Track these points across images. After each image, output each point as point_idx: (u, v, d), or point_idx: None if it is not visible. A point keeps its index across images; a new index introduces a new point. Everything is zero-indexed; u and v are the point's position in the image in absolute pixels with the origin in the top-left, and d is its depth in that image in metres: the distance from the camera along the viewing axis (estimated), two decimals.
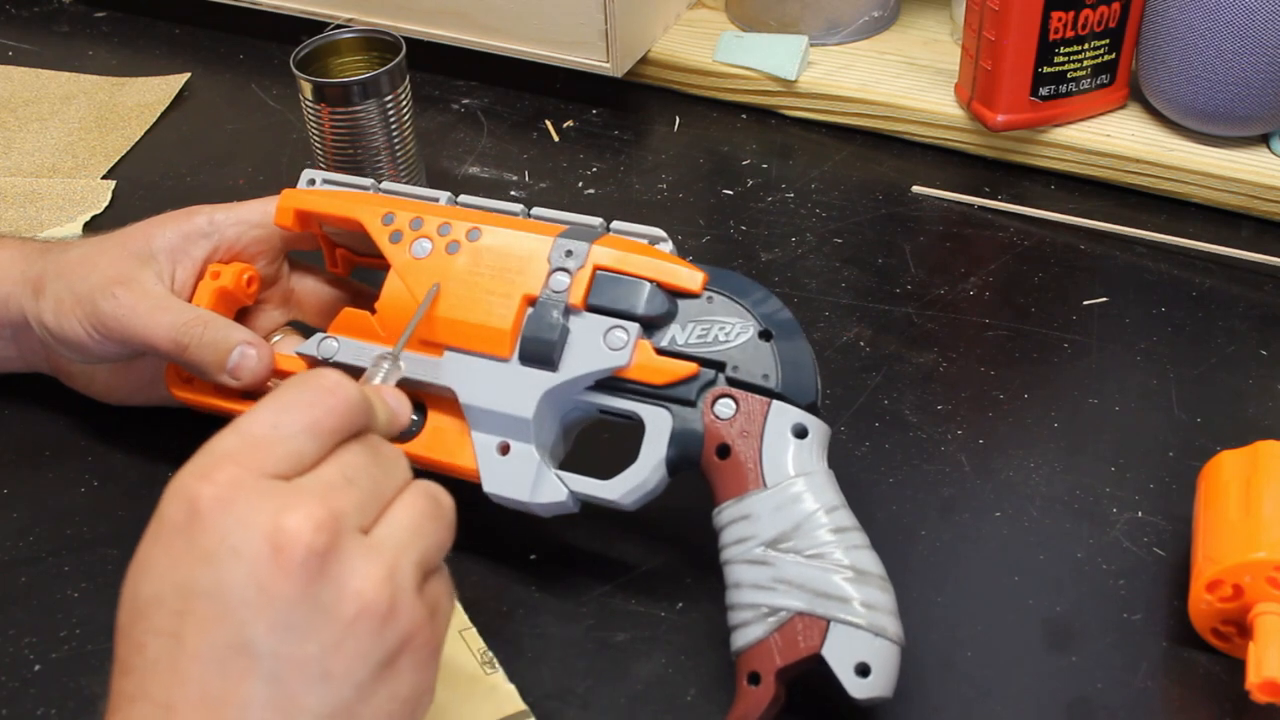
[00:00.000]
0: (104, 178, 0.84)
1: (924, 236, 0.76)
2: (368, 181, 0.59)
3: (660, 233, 0.54)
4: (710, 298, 0.52)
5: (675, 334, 0.52)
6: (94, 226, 0.79)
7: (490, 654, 0.51)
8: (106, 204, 0.81)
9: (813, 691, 0.48)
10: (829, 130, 0.86)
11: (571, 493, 0.52)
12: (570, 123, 0.88)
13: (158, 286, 0.56)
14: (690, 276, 0.52)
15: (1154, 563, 0.55)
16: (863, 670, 0.45)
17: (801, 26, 0.89)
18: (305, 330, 0.62)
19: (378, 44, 0.75)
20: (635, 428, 0.52)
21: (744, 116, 0.88)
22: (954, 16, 0.89)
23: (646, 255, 0.53)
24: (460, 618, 0.53)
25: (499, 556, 0.56)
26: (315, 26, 0.85)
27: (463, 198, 0.57)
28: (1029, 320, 0.69)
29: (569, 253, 0.53)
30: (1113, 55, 0.78)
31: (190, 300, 0.57)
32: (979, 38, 0.77)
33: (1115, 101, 0.80)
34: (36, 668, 0.52)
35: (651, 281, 0.52)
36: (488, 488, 0.53)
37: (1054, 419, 0.62)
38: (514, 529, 0.57)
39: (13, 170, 0.85)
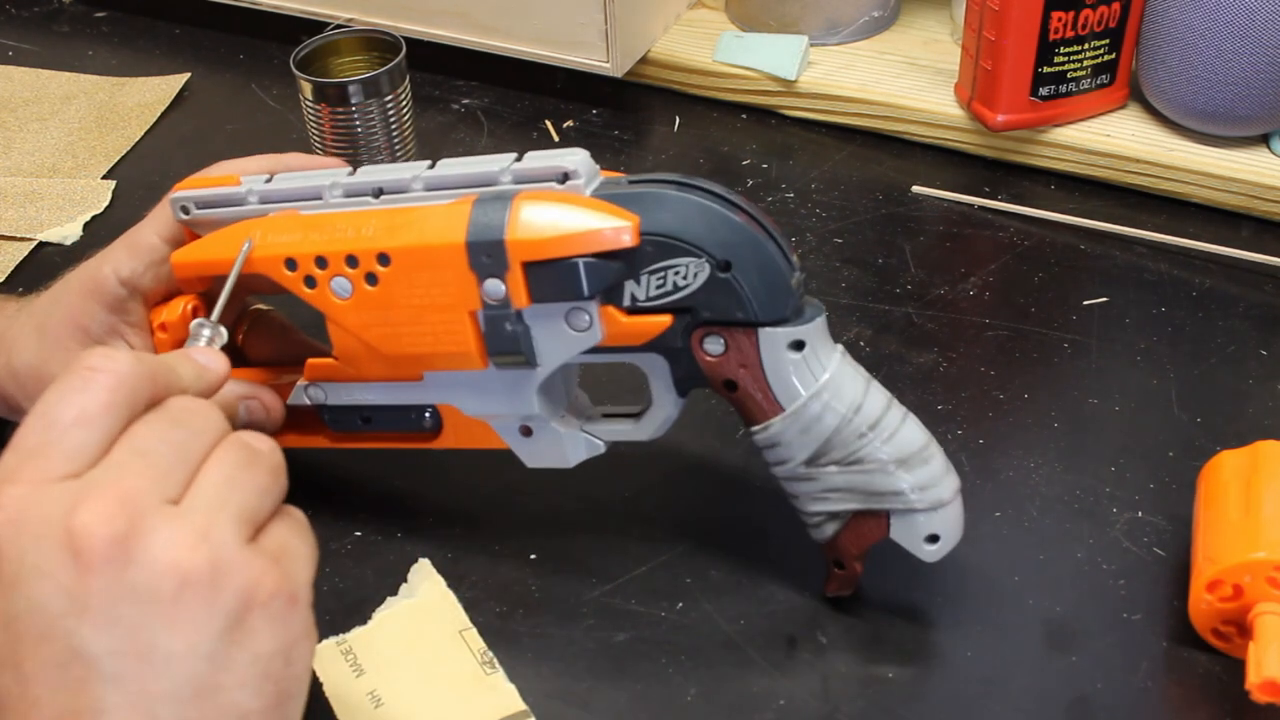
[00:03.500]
0: (104, 178, 0.84)
1: (924, 236, 0.76)
2: (245, 187, 0.53)
3: (573, 160, 0.48)
4: (651, 245, 0.47)
5: (634, 290, 0.48)
6: (94, 226, 0.79)
7: (490, 654, 0.51)
8: (106, 204, 0.81)
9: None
10: (829, 130, 0.86)
11: (605, 443, 0.53)
12: (570, 123, 0.88)
13: None
14: (620, 232, 0.46)
15: (1154, 563, 0.55)
16: (932, 539, 0.49)
17: (801, 26, 0.89)
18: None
19: (378, 44, 0.75)
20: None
21: (744, 116, 0.88)
22: (954, 16, 0.89)
23: (566, 218, 0.46)
24: (460, 618, 0.53)
25: (499, 556, 0.56)
26: (315, 26, 0.85)
27: (361, 172, 0.52)
28: (1029, 320, 0.69)
29: (487, 256, 0.47)
30: (1113, 55, 0.78)
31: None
32: (979, 38, 0.77)
33: (1115, 101, 0.80)
34: None
35: (583, 256, 0.47)
36: (530, 464, 0.53)
37: (1054, 419, 0.62)
38: (514, 528, 0.57)
39: (13, 170, 0.85)
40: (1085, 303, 0.70)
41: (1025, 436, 0.61)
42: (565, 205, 0.47)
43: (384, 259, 0.48)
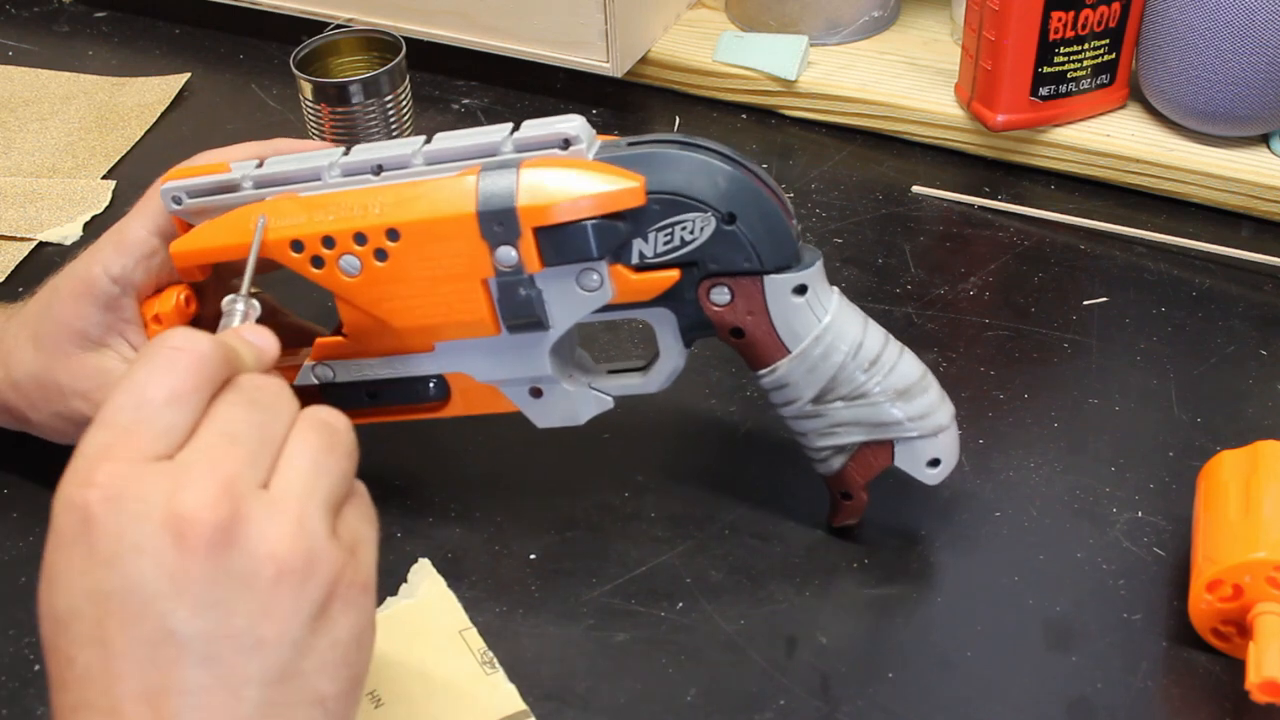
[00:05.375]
0: (104, 178, 0.84)
1: (924, 236, 0.76)
2: (238, 173, 0.52)
3: (572, 125, 0.48)
4: (657, 203, 0.48)
5: (641, 248, 0.49)
6: (94, 226, 0.79)
7: (490, 654, 0.51)
8: (107, 204, 0.81)
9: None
10: (829, 130, 0.86)
11: (614, 398, 0.54)
12: None
13: (124, 367, 0.54)
14: (629, 193, 0.48)
15: (1154, 563, 0.55)
16: (933, 463, 0.52)
17: (801, 26, 0.89)
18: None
19: (378, 44, 0.75)
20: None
21: (744, 116, 0.88)
22: (954, 16, 0.89)
23: (574, 183, 0.48)
24: (460, 618, 0.53)
25: (499, 556, 0.56)
26: (315, 26, 0.85)
27: (357, 150, 0.51)
28: (1029, 320, 0.69)
29: (499, 225, 0.48)
30: (1113, 55, 0.78)
31: None
32: (979, 38, 0.77)
33: (1115, 101, 0.80)
34: (36, 667, 0.52)
35: (593, 218, 0.48)
36: (541, 425, 0.54)
37: (1054, 419, 0.62)
38: (514, 528, 0.57)
39: (13, 170, 0.85)
40: (1085, 303, 0.70)
41: (1025, 436, 0.61)
42: (571, 170, 0.48)
43: (393, 234, 0.49)
